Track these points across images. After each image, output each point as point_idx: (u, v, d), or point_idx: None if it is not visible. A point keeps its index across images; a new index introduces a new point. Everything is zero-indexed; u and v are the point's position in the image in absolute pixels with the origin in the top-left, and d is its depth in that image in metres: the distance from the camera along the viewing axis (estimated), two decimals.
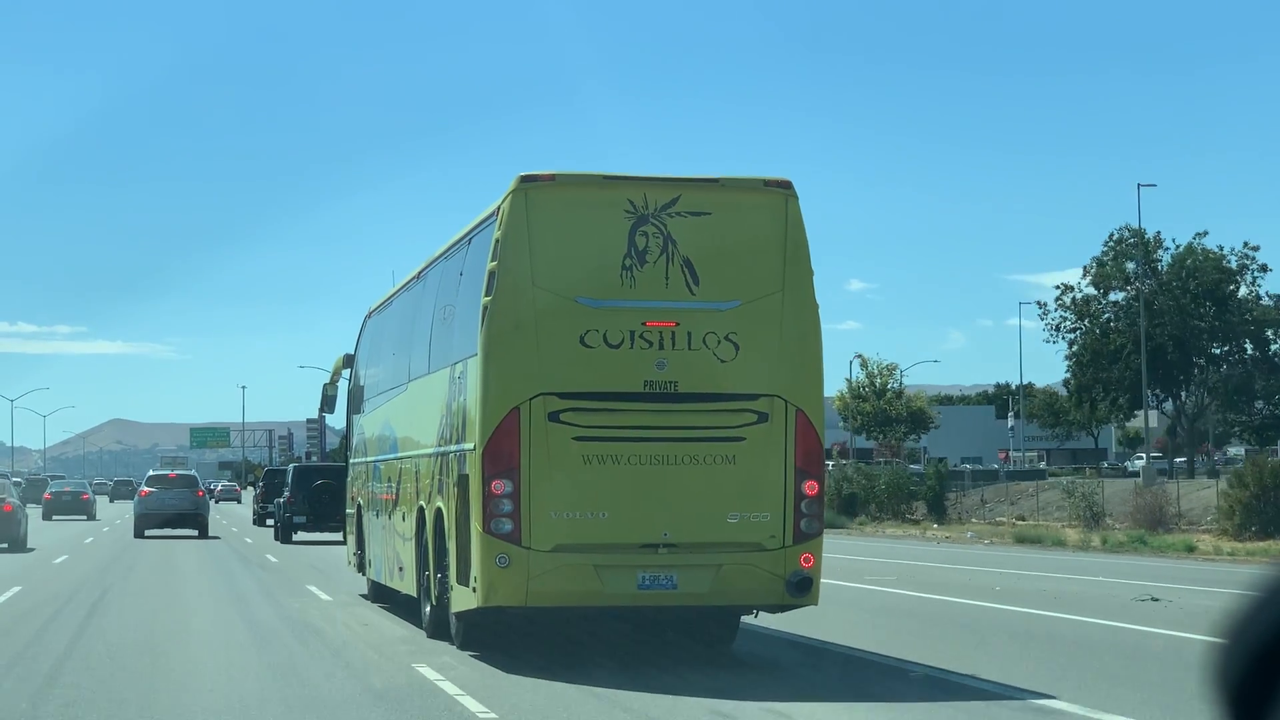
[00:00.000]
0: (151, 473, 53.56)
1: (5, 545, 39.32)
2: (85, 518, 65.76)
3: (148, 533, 48.21)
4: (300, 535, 45.53)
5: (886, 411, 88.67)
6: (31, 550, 39.36)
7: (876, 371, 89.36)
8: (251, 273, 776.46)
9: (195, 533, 48.61)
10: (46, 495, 69.99)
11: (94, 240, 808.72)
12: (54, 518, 65.81)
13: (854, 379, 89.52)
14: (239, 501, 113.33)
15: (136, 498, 50.95)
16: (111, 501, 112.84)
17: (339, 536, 43.87)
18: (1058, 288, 73.93)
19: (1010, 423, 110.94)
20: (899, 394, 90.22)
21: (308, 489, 44.73)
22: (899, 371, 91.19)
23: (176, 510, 48.53)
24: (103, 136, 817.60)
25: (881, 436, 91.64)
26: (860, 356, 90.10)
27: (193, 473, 55.01)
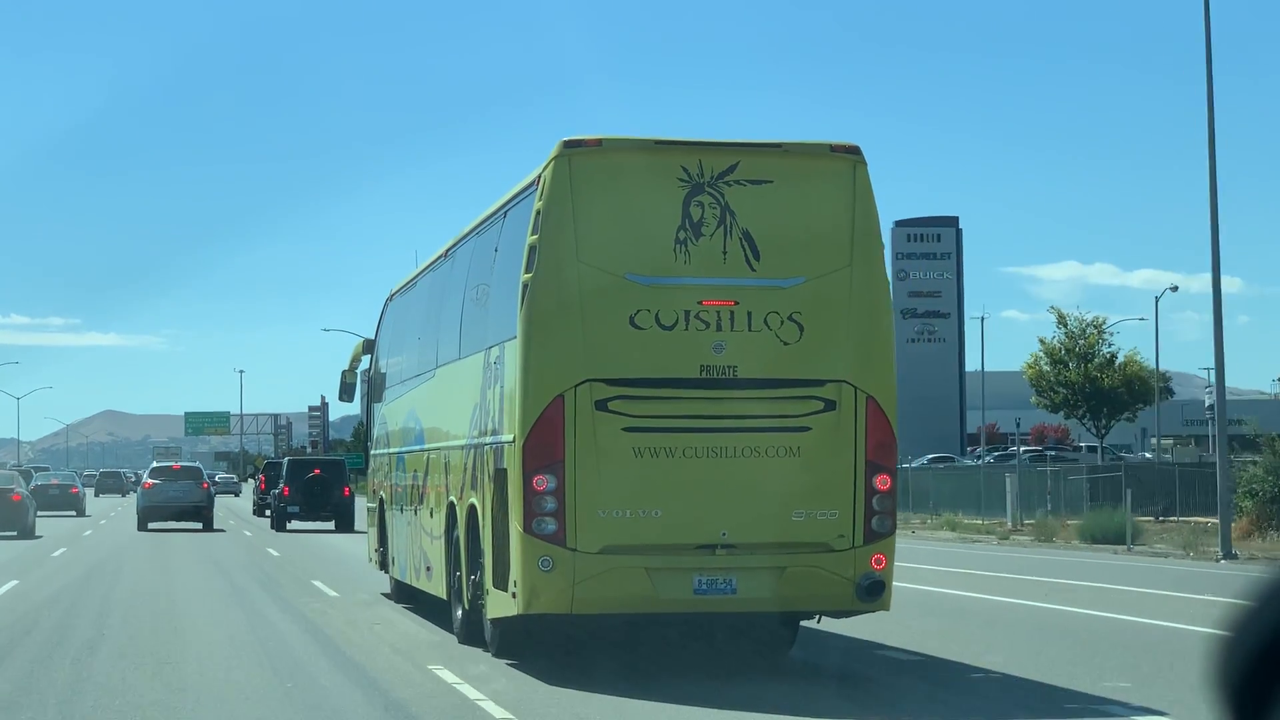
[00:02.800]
0: (155, 464, 53.08)
1: (15, 533, 40.88)
2: (74, 513, 61.20)
3: (151, 525, 47.26)
4: (294, 524, 48.18)
5: (1099, 381, 67.65)
6: (40, 537, 41.22)
7: (1079, 330, 68.56)
8: (248, 267, 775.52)
9: (199, 525, 47.51)
10: (31, 488, 66.50)
11: (89, 233, 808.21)
12: (39, 514, 63.07)
13: (1051, 340, 69.01)
14: (237, 494, 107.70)
15: (140, 490, 49.82)
16: (97, 495, 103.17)
17: (331, 525, 48.28)
18: None
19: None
20: (1111, 359, 68.82)
21: (301, 480, 47.75)
22: (1108, 330, 69.37)
23: (181, 503, 47.50)
24: (99, 130, 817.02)
25: (1087, 415, 69.55)
26: (1056, 310, 69.51)
27: (198, 465, 55.03)
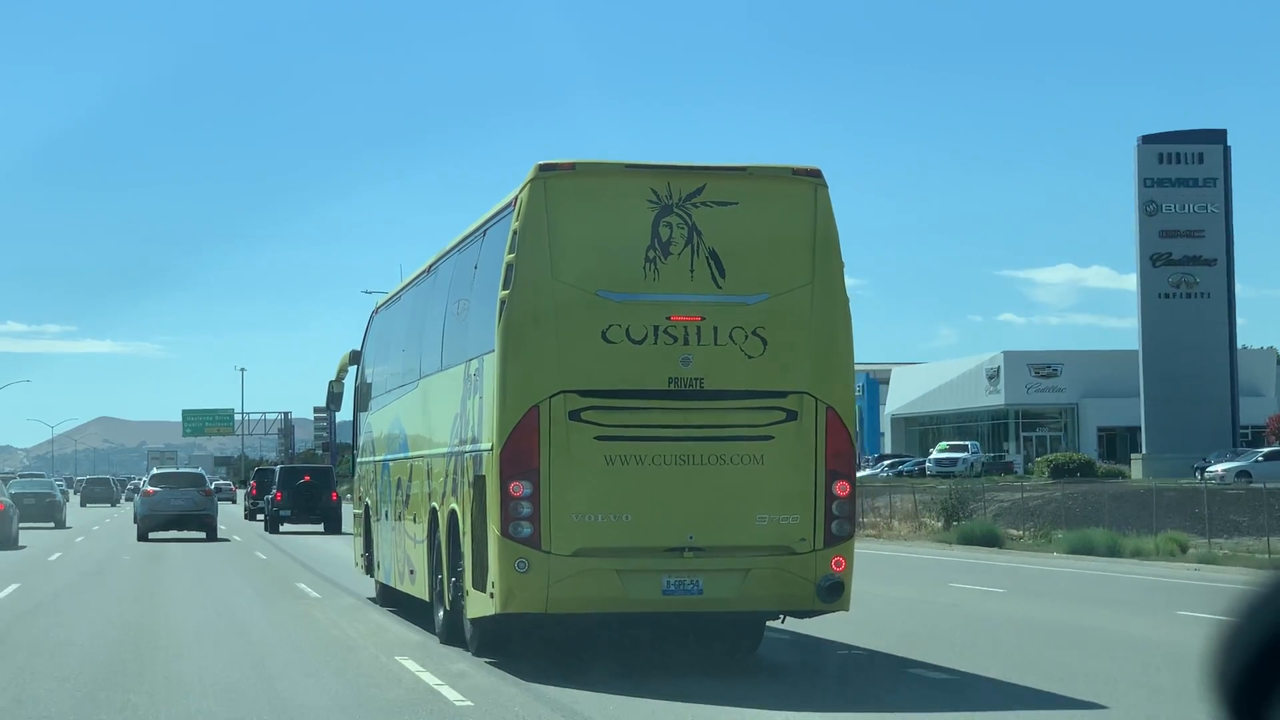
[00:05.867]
0: (156, 471, 51.92)
1: None
2: (53, 525, 55.03)
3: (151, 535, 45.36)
4: (286, 527, 51.59)
5: None
6: (23, 548, 40.14)
7: None
8: (243, 272, 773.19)
9: (203, 535, 45.56)
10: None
11: (85, 240, 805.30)
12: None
13: None
14: (234, 501, 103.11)
15: (140, 498, 48.20)
16: (83, 505, 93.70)
17: (320, 528, 51.07)
18: None
19: None
20: None
21: (293, 486, 51.67)
22: None
23: (183, 511, 45.53)
24: (95, 136, 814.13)
25: None
26: None
27: (200, 471, 54.02)
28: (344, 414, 26.55)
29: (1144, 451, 75.17)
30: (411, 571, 18.47)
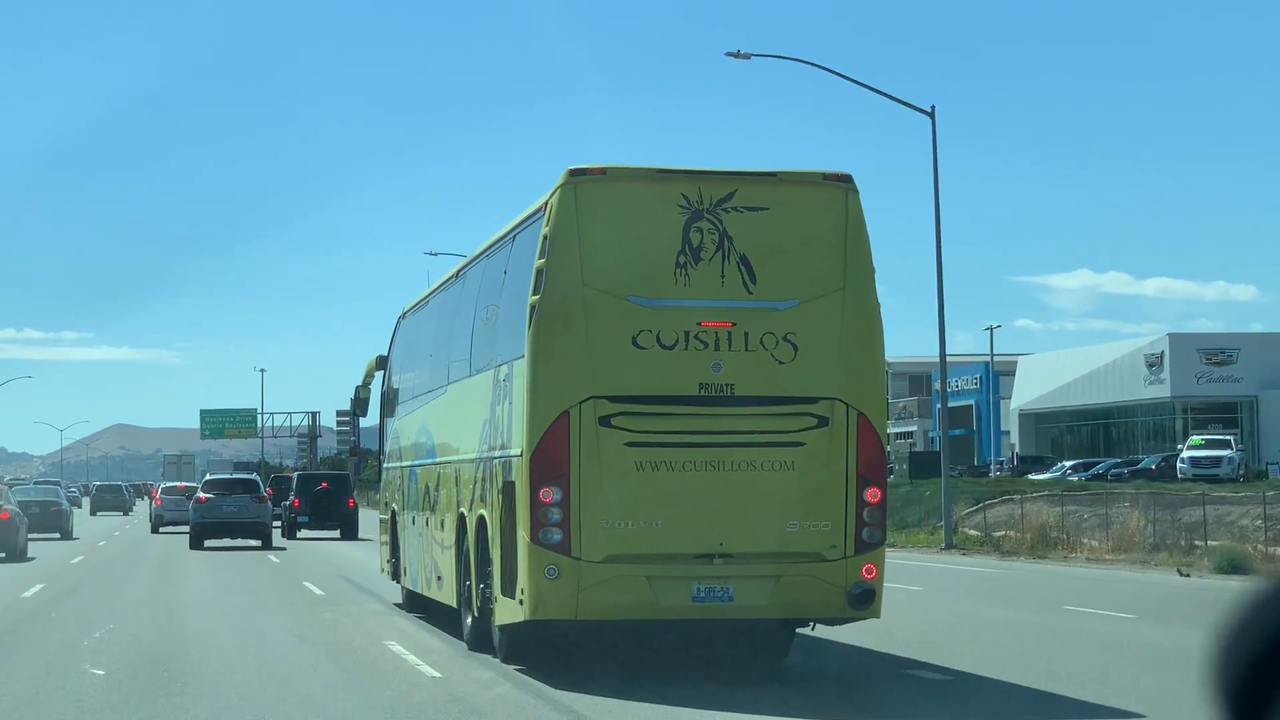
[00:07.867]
0: (209, 477, 50.54)
1: (3, 555, 36.78)
2: (58, 536, 50.11)
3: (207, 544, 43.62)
4: (304, 533, 52.03)
5: None
6: (32, 559, 36.76)
7: None
8: (260, 277, 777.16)
9: (259, 543, 44.26)
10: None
11: (101, 246, 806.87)
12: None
13: None
14: None
15: (193, 505, 46.30)
16: (94, 514, 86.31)
17: (337, 534, 51.25)
18: None
19: None
20: None
21: (310, 493, 52.22)
22: None
23: (237, 519, 44.34)
24: (108, 140, 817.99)
25: None
26: None
27: (254, 476, 53.59)
28: (369, 419, 26.56)
29: None
30: (439, 578, 18.43)
